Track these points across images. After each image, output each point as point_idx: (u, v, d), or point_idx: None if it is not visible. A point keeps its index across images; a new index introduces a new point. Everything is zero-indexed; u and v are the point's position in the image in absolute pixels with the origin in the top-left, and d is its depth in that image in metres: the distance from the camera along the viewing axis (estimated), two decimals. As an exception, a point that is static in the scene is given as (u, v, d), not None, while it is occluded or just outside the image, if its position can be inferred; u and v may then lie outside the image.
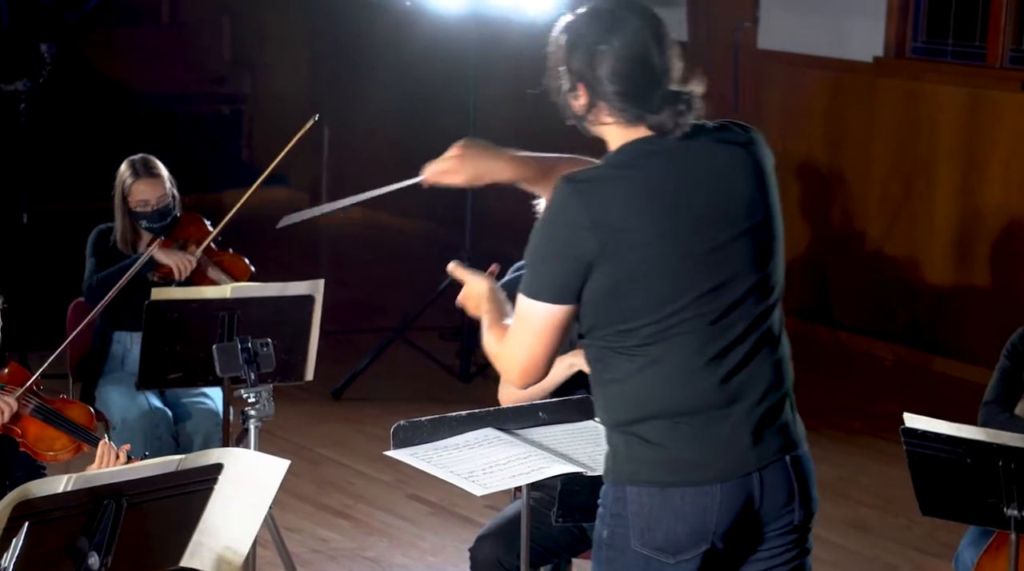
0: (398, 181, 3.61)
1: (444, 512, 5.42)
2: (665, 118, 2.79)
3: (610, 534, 2.85)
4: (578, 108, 2.87)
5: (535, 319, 2.82)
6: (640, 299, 2.76)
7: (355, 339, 7.08)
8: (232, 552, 3.38)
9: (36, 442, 3.72)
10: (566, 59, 2.86)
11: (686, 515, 2.79)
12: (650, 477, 2.80)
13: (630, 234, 2.75)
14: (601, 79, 2.80)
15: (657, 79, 2.80)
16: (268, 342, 4.19)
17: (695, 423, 2.79)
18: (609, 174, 2.80)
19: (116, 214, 5.04)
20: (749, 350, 2.81)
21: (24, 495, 3.05)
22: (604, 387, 2.85)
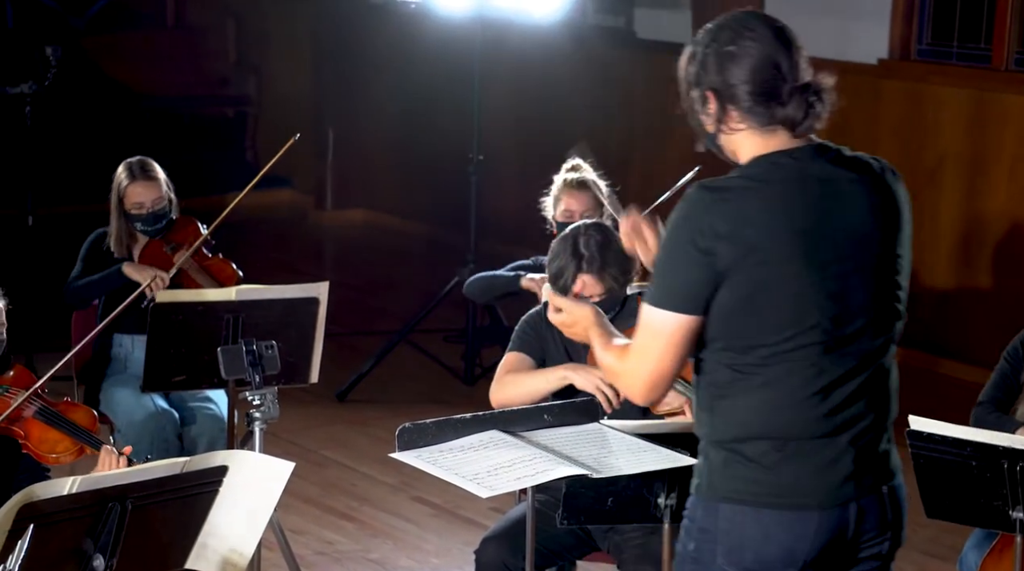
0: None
1: (448, 514, 5.42)
2: (794, 110, 2.78)
3: (696, 548, 2.83)
4: (709, 120, 2.84)
5: (663, 330, 2.77)
6: (763, 318, 2.74)
7: (360, 341, 7.08)
8: (237, 554, 3.38)
9: (39, 444, 3.72)
10: (696, 75, 2.84)
11: (779, 538, 2.76)
12: (747, 497, 2.77)
13: (762, 250, 2.72)
14: (729, 82, 2.79)
15: (784, 76, 2.79)
16: (273, 344, 4.19)
17: (800, 449, 2.76)
18: (743, 185, 2.77)
19: (111, 216, 5.05)
20: (862, 383, 2.80)
21: (29, 497, 3.05)
22: (712, 401, 2.82)
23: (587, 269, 4.02)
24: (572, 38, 8.18)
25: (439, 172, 8.81)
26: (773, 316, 2.74)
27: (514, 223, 8.38)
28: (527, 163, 8.41)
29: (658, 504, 3.56)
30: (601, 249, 4.07)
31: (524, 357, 4.10)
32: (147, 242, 5.04)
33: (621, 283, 4.08)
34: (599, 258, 4.04)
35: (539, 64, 8.30)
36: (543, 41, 8.07)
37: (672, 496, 3.54)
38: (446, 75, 8.48)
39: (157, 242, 5.04)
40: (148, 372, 4.59)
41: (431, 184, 9.02)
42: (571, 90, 8.30)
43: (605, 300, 4.04)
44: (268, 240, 8.88)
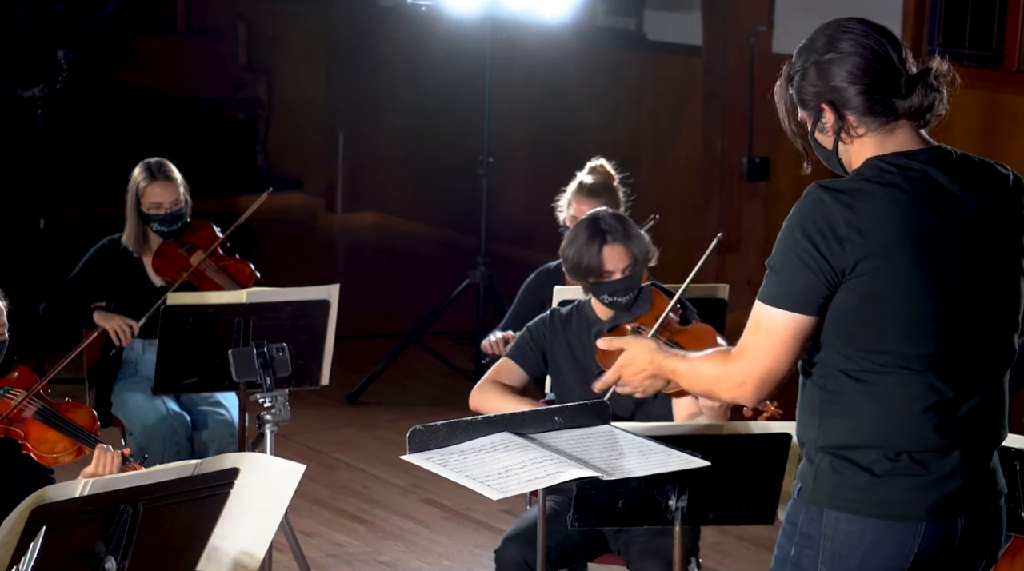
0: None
1: (459, 516, 5.42)
2: (917, 100, 2.70)
3: (797, 554, 2.77)
4: (828, 134, 2.73)
5: (775, 328, 2.69)
6: (881, 325, 2.67)
7: (370, 344, 7.09)
8: (248, 556, 3.38)
9: (38, 444, 3.72)
10: (799, 93, 2.75)
11: (884, 549, 2.71)
12: (855, 505, 2.71)
13: (880, 255, 2.65)
14: (840, 87, 2.70)
15: (896, 69, 2.69)
16: (284, 347, 4.20)
17: (913, 461, 2.71)
18: (867, 187, 2.68)
19: (128, 216, 5.05)
20: (980, 400, 2.74)
21: (41, 500, 3.05)
22: (823, 406, 2.75)
23: (612, 240, 4.01)
24: (582, 40, 8.18)
25: (450, 174, 8.81)
26: (891, 324, 2.68)
27: (524, 225, 8.39)
28: (537, 165, 8.41)
29: (669, 506, 3.56)
30: (622, 222, 4.09)
31: (515, 368, 4.11)
32: (161, 244, 5.05)
33: (642, 262, 4.07)
34: (622, 229, 4.05)
35: (549, 66, 8.30)
36: (553, 43, 8.08)
37: (683, 498, 3.53)
38: (456, 77, 8.49)
39: (172, 244, 5.05)
40: (159, 374, 4.60)
41: (442, 186, 9.03)
42: (581, 92, 8.30)
43: (620, 284, 4.02)
44: (279, 243, 8.89)
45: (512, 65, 7.99)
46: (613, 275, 4.02)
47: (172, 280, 4.98)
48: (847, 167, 2.78)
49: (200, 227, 5.12)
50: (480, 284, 6.91)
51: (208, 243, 5.06)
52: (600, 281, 4.03)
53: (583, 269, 4.03)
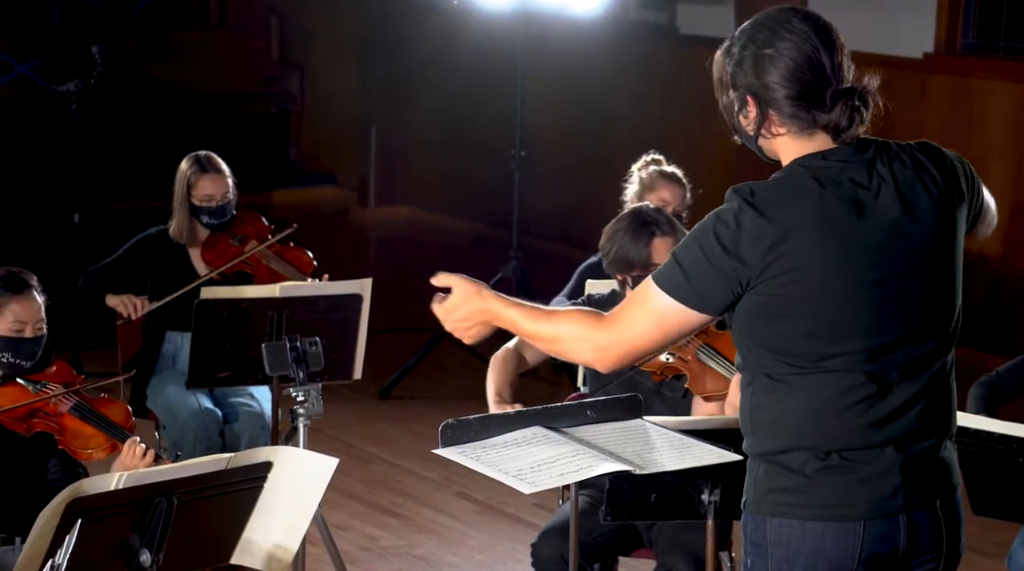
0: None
1: (492, 510, 5.43)
2: (838, 115, 2.68)
3: (752, 564, 2.78)
4: (750, 125, 2.74)
5: (665, 316, 2.70)
6: (799, 326, 2.66)
7: (403, 338, 7.10)
8: (282, 550, 3.39)
9: (73, 439, 3.74)
10: (732, 77, 2.74)
11: (827, 552, 2.69)
12: (791, 509, 2.71)
13: (796, 256, 2.63)
14: (769, 86, 2.69)
15: (827, 78, 2.68)
16: (317, 341, 4.21)
17: (844, 460, 2.69)
18: (778, 192, 2.67)
19: (176, 208, 5.06)
20: (913, 393, 2.70)
21: (76, 493, 3.07)
22: (752, 412, 2.75)
23: (661, 233, 3.98)
24: (614, 34, 8.16)
25: (482, 168, 8.81)
26: (810, 323, 2.66)
27: (556, 219, 8.38)
28: (570, 159, 8.40)
29: (702, 500, 3.55)
30: (665, 215, 4.08)
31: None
32: (211, 235, 5.06)
33: None
34: (668, 222, 4.03)
35: (582, 60, 8.29)
36: (586, 37, 8.06)
37: (716, 492, 3.53)
38: (489, 72, 8.48)
39: (223, 235, 5.07)
40: (193, 368, 4.62)
41: (474, 180, 9.03)
42: (613, 86, 8.28)
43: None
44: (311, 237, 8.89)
45: (544, 59, 7.98)
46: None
47: (226, 271, 5.00)
48: (767, 154, 2.79)
49: (248, 218, 5.15)
50: (512, 278, 6.91)
51: (260, 233, 5.09)
52: (646, 274, 4.01)
53: (630, 262, 4.00)
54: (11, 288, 3.74)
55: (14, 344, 3.73)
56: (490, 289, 2.93)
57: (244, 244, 5.06)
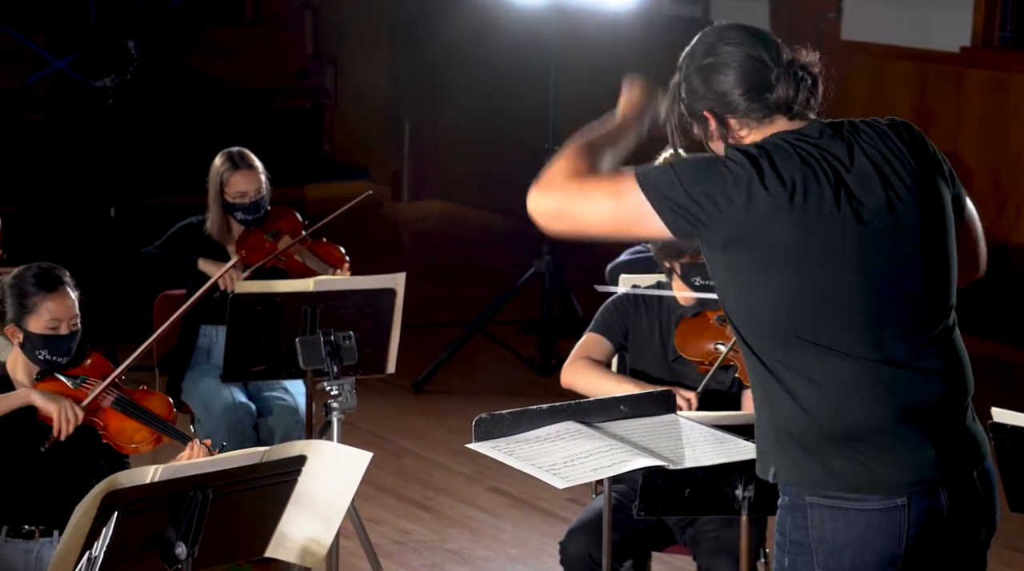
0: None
1: (525, 505, 5.43)
2: (782, 91, 2.73)
3: (792, 563, 2.74)
4: (715, 140, 2.78)
5: (630, 209, 2.70)
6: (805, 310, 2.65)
7: (436, 332, 7.11)
8: (316, 543, 3.41)
9: (117, 434, 3.75)
10: (688, 105, 2.81)
11: (873, 541, 2.68)
12: (830, 500, 2.68)
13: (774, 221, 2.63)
14: (721, 91, 2.75)
15: (769, 66, 2.75)
16: (350, 335, 4.22)
17: (875, 444, 2.67)
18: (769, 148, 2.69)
19: (211, 206, 5.08)
20: (925, 365, 2.69)
21: (112, 486, 3.09)
22: (772, 402, 2.73)
23: None
24: (648, 28, 8.14)
25: (515, 162, 8.81)
26: (813, 307, 2.65)
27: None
28: (603, 154, 8.38)
29: (736, 495, 3.54)
30: None
31: (602, 340, 4.08)
32: (245, 231, 5.08)
33: None
34: None
35: (615, 54, 8.27)
36: (619, 31, 8.05)
37: (750, 488, 3.52)
38: (522, 65, 8.48)
39: (257, 231, 5.09)
40: (228, 362, 4.64)
41: (507, 174, 9.03)
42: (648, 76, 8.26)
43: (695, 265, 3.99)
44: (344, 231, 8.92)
45: (577, 53, 7.97)
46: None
47: (260, 265, 5.02)
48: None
49: (282, 214, 5.16)
50: (545, 273, 6.91)
51: (293, 228, 5.11)
52: (694, 262, 4.00)
53: (676, 249, 3.99)
54: (45, 286, 3.75)
55: (50, 341, 3.74)
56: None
57: (277, 239, 5.08)
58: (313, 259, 5.10)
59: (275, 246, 5.06)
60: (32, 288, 3.75)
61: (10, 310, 3.76)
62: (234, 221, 5.10)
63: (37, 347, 3.74)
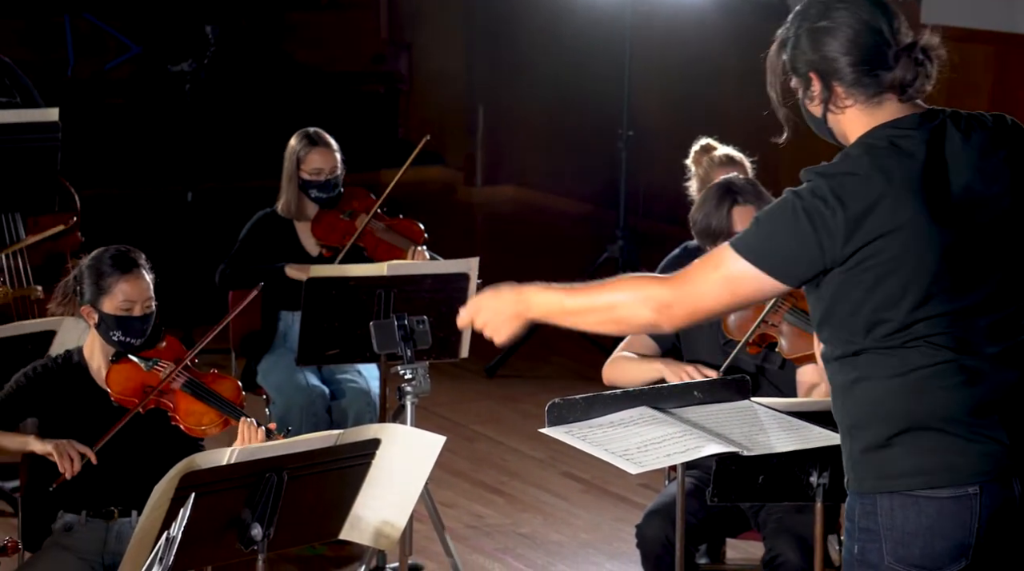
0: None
1: (597, 490, 5.43)
2: (903, 71, 2.67)
3: (861, 550, 2.71)
4: (816, 105, 2.74)
5: (740, 281, 2.66)
6: (885, 296, 2.63)
7: (509, 317, 7.10)
8: (389, 526, 3.43)
9: (186, 417, 3.78)
10: (791, 61, 2.75)
11: (944, 529, 2.65)
12: (902, 487, 2.66)
13: (880, 227, 2.61)
14: (829, 56, 2.69)
15: (887, 40, 2.67)
16: (424, 319, 4.23)
17: (948, 432, 2.65)
18: (846, 165, 2.67)
19: (285, 183, 5.11)
20: (1004, 356, 2.67)
21: (190, 467, 3.13)
22: (848, 387, 2.70)
23: (743, 201, 3.96)
24: (723, 11, 8.08)
25: (589, 148, 8.80)
26: (880, 297, 2.63)
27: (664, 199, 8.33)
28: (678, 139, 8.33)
29: (810, 483, 3.52)
30: (753, 185, 4.04)
31: (645, 340, 4.08)
32: (320, 211, 5.11)
33: None
34: (753, 190, 4.00)
35: (690, 38, 8.23)
36: (694, 15, 8.00)
37: (824, 475, 3.49)
38: (596, 51, 8.45)
39: (332, 211, 5.11)
40: (303, 346, 4.67)
41: (581, 160, 9.01)
42: (722, 64, 8.21)
43: None
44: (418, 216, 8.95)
45: (652, 37, 7.94)
46: None
47: (337, 245, 5.05)
48: (838, 137, 2.77)
49: (356, 194, 5.19)
50: (619, 258, 6.89)
51: (368, 207, 5.12)
52: None
53: (712, 231, 3.98)
54: (120, 267, 3.79)
55: (123, 322, 3.78)
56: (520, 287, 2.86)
57: (354, 218, 5.10)
58: (392, 235, 5.11)
59: (352, 225, 5.08)
60: (108, 269, 3.79)
61: (87, 291, 3.81)
62: (308, 201, 5.12)
63: (111, 328, 3.78)
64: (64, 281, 3.91)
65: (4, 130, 5.11)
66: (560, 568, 4.89)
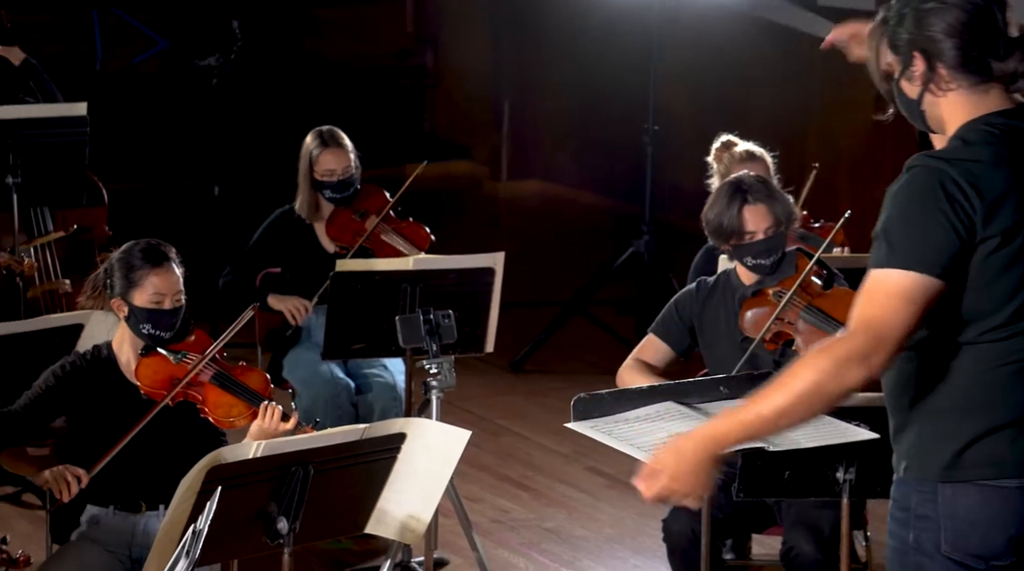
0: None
1: (623, 485, 5.42)
2: (1013, 64, 2.61)
3: (916, 538, 2.66)
4: (915, 86, 2.65)
5: (914, 291, 2.53)
6: (986, 292, 2.59)
7: (534, 312, 7.11)
8: (415, 520, 3.43)
9: (214, 408, 3.80)
10: (893, 37, 2.66)
11: (1006, 519, 2.62)
12: (973, 476, 2.62)
13: (1001, 217, 2.56)
14: (936, 37, 2.61)
15: (998, 29, 2.61)
16: (450, 314, 4.24)
17: (1014, 423, 2.62)
18: (968, 153, 2.60)
19: (300, 184, 5.14)
20: None
21: (216, 460, 3.14)
22: (922, 376, 2.65)
23: (754, 200, 3.95)
24: (751, 5, 8.06)
25: (615, 142, 8.78)
26: (995, 289, 2.59)
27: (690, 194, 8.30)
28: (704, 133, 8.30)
29: (836, 478, 3.51)
30: (764, 183, 4.03)
31: (659, 344, 4.08)
32: (334, 211, 5.13)
33: (785, 223, 4.01)
34: (764, 189, 3.99)
35: (717, 31, 8.20)
36: (721, 9, 7.98)
37: (851, 471, 3.49)
38: (622, 45, 8.44)
39: (346, 210, 5.13)
40: (328, 340, 4.69)
41: (606, 154, 9.00)
42: (750, 59, 8.19)
43: (763, 245, 3.96)
44: (444, 210, 8.97)
45: (679, 31, 7.91)
46: (755, 236, 3.96)
47: (347, 245, 5.07)
48: (930, 122, 2.70)
49: (371, 193, 5.20)
50: (645, 253, 6.88)
51: (380, 208, 5.13)
52: (742, 243, 3.98)
53: (724, 231, 3.98)
54: (150, 261, 3.81)
55: (153, 316, 3.80)
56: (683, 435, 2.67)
57: (365, 219, 5.11)
58: (398, 239, 5.12)
59: (362, 226, 5.09)
60: (139, 262, 3.81)
61: (117, 283, 3.82)
62: (323, 200, 5.14)
63: (141, 321, 3.80)
64: (94, 274, 3.93)
65: (33, 124, 5.14)
66: (585, 563, 4.89)
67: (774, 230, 3.96)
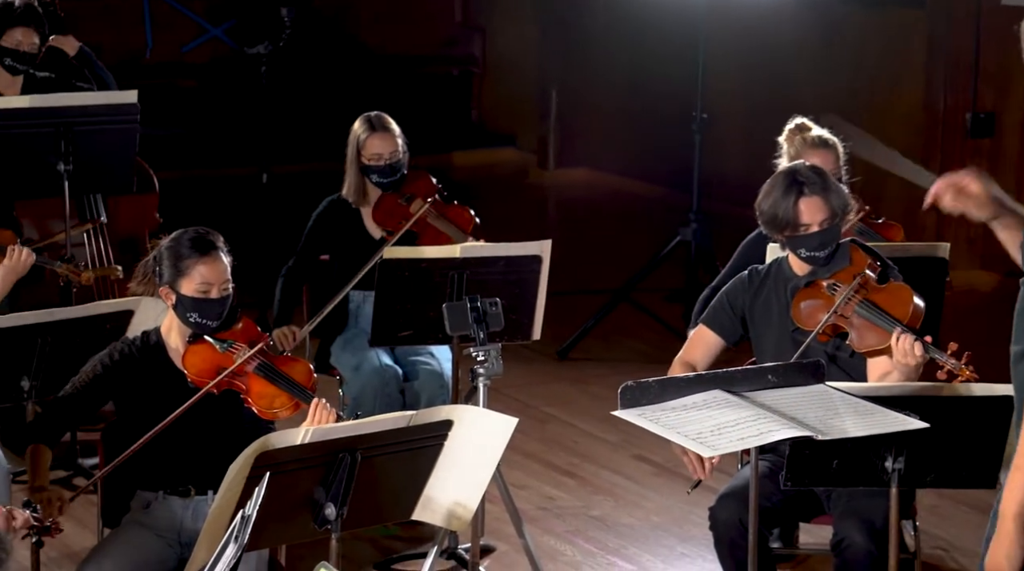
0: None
1: (669, 473, 5.42)
2: None
3: None
4: None
5: None
6: None
7: (581, 300, 7.11)
8: (461, 507, 3.44)
9: (258, 399, 3.81)
10: None
11: None
12: None
13: None
14: None
15: None
16: (497, 301, 4.24)
17: None
18: None
19: (348, 168, 5.16)
20: None
21: (265, 446, 3.16)
22: None
23: (810, 192, 3.93)
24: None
25: (662, 131, 8.75)
26: None
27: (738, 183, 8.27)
28: (752, 122, 8.28)
29: (885, 467, 3.49)
30: (820, 174, 4.01)
31: (710, 335, 4.07)
32: (381, 195, 5.15)
33: (840, 216, 3.99)
34: (820, 181, 3.97)
35: (765, 20, 8.16)
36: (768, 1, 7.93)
37: (900, 460, 3.47)
38: (670, 33, 8.41)
39: (392, 195, 5.15)
40: (376, 327, 4.70)
41: (654, 143, 8.98)
42: (798, 46, 8.14)
43: (817, 238, 3.94)
44: (491, 198, 8.97)
45: (726, 20, 7.88)
46: (810, 228, 3.95)
47: (393, 230, 5.08)
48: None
49: (418, 178, 5.21)
50: (692, 241, 6.86)
51: (427, 192, 5.15)
52: (796, 234, 3.96)
53: (779, 222, 3.96)
54: (198, 249, 3.83)
55: (200, 304, 3.81)
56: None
57: (411, 203, 5.13)
58: (444, 223, 5.13)
59: (408, 210, 5.11)
60: (187, 251, 3.83)
61: (165, 272, 3.85)
62: (371, 184, 5.16)
63: (188, 309, 3.82)
64: (144, 261, 3.96)
65: (85, 112, 5.18)
66: (632, 551, 4.89)
67: (829, 223, 3.95)
